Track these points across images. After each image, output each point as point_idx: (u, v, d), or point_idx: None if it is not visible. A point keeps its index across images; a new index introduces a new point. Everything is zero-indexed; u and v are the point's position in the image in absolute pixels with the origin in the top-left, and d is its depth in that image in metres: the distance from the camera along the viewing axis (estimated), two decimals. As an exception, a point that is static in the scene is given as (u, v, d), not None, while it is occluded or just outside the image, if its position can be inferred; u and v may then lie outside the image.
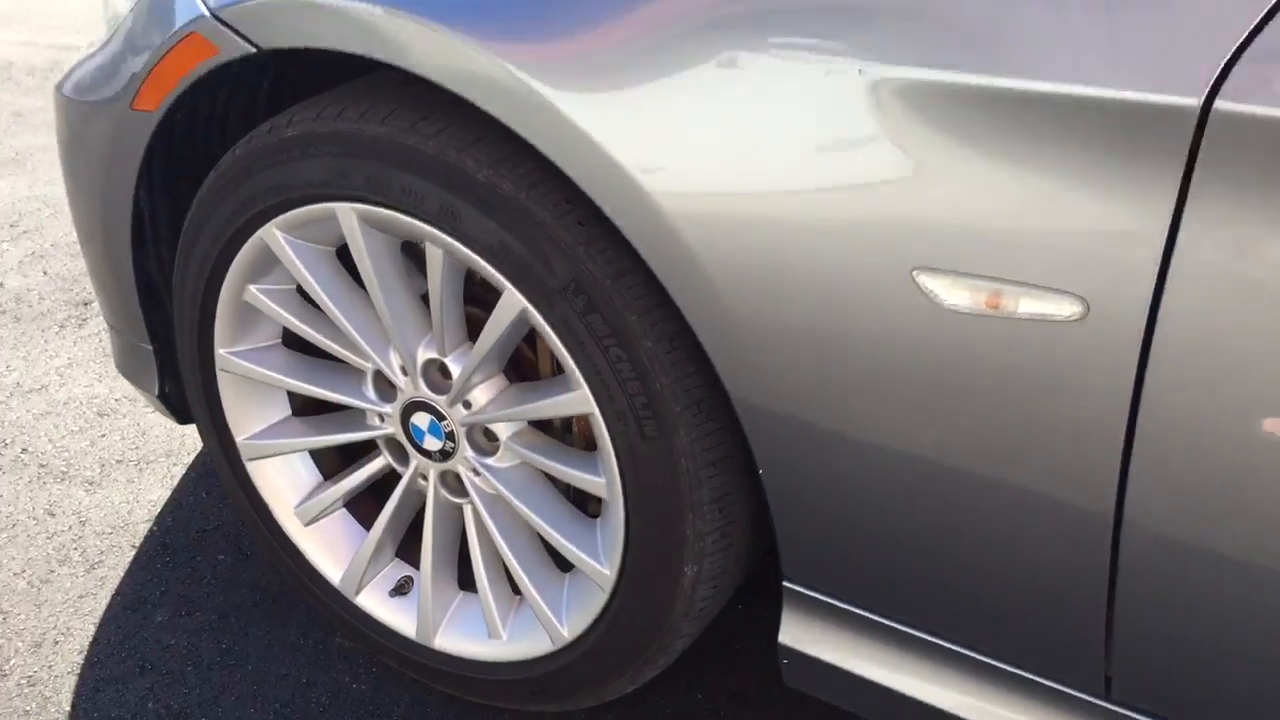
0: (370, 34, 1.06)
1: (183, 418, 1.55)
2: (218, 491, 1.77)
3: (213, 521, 1.73)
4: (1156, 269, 0.81)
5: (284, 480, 1.46)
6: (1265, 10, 0.77)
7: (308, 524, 1.46)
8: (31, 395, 1.99)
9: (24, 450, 1.86)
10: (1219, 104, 0.76)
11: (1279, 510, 0.83)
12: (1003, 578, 0.99)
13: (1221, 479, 0.84)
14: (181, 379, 1.47)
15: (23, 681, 1.45)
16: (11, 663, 1.48)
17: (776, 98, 0.91)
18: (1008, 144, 0.84)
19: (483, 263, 1.12)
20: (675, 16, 0.94)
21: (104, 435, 1.89)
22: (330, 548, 1.47)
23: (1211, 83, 0.76)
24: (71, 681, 1.45)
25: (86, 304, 2.25)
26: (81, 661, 1.48)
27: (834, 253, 0.92)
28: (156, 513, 1.74)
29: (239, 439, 1.43)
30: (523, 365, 1.30)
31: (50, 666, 1.47)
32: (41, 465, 1.83)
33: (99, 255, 1.44)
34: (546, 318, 1.11)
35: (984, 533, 0.98)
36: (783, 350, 0.98)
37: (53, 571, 1.63)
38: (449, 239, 1.12)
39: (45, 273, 2.36)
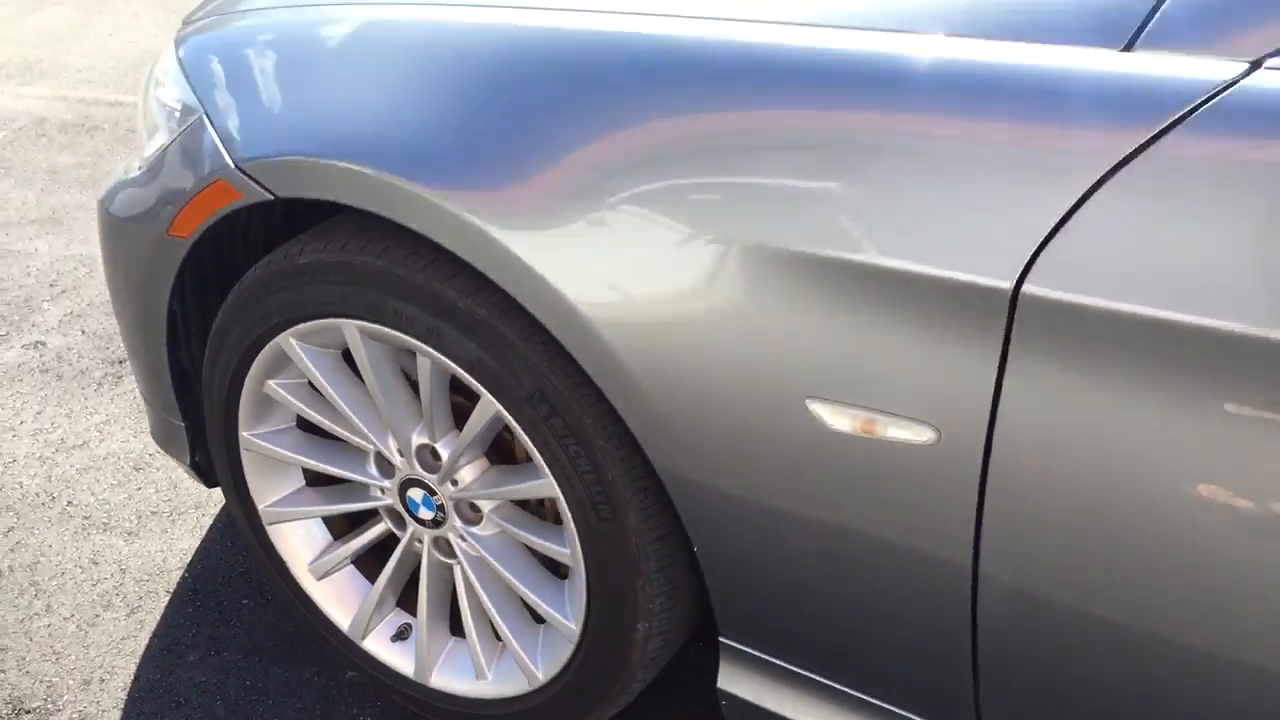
0: (365, 190, 1.26)
1: (210, 483, 1.76)
2: (241, 541, 1.98)
3: (237, 569, 1.93)
4: (989, 406, 1.01)
5: (299, 541, 1.67)
6: (1068, 206, 0.96)
7: (320, 578, 1.67)
8: (75, 451, 2.20)
9: (69, 503, 2.07)
10: (1026, 287, 0.96)
11: (1083, 582, 1.03)
12: (889, 641, 1.20)
13: (1045, 560, 1.05)
14: (210, 450, 1.68)
15: (74, 716, 1.66)
16: (64, 699, 1.69)
17: (680, 243, 1.10)
18: (875, 303, 1.03)
19: (463, 373, 1.32)
20: (597, 169, 1.13)
21: (140, 489, 2.10)
22: (340, 599, 1.68)
23: (1021, 269, 0.96)
24: (116, 716, 1.66)
25: (121, 362, 2.46)
26: (125, 698, 1.69)
27: (741, 372, 1.12)
28: (188, 560, 1.95)
29: (260, 506, 1.64)
30: (502, 447, 1.50)
31: (98, 702, 1.68)
32: (86, 517, 2.04)
33: (139, 348, 1.65)
34: (516, 420, 1.31)
35: (874, 605, 1.18)
36: (704, 447, 1.18)
37: (98, 615, 1.84)
38: (435, 353, 1.33)
39: (83, 331, 2.57)
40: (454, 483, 1.46)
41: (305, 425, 1.61)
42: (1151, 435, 0.95)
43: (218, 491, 2.08)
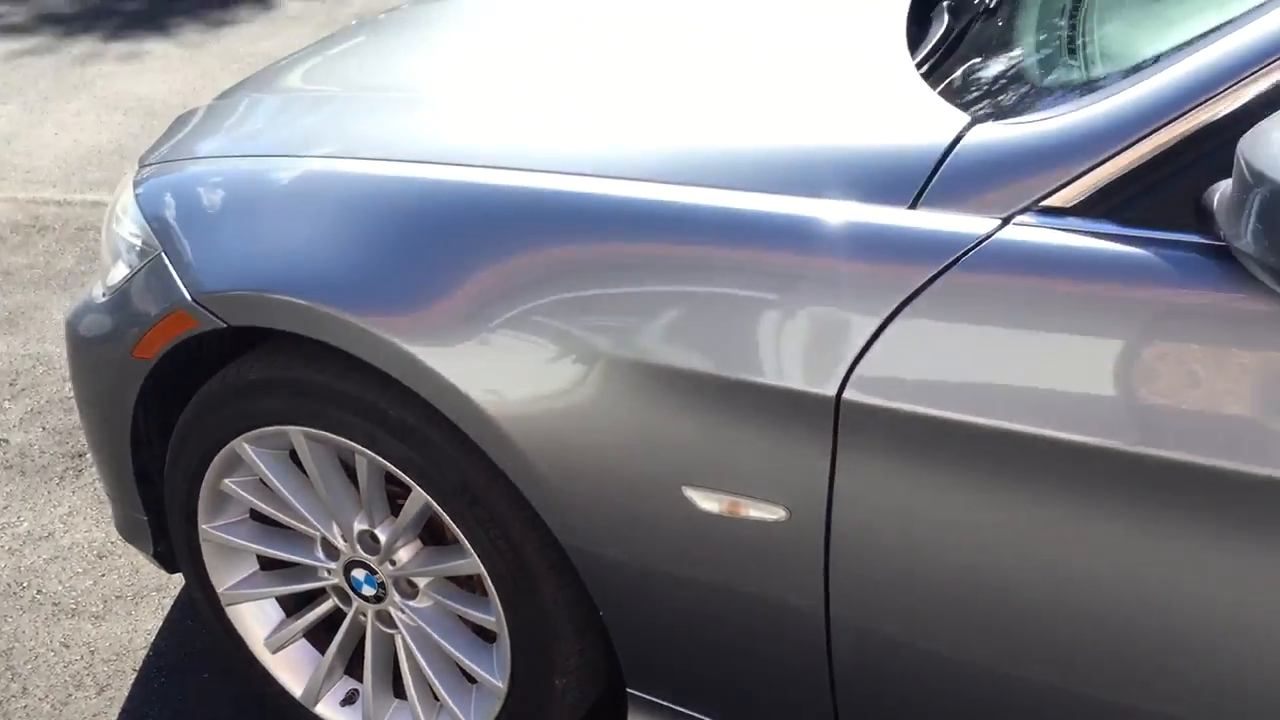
0: (306, 319, 1.45)
1: (172, 569, 1.92)
2: (200, 620, 2.14)
3: (198, 645, 2.09)
4: (827, 489, 1.22)
5: (255, 619, 1.84)
6: (874, 330, 1.17)
7: (275, 652, 1.84)
8: (41, 542, 2.35)
9: (39, 591, 2.22)
10: (846, 394, 1.18)
11: (914, 622, 1.25)
12: (765, 682, 1.40)
13: (881, 606, 1.26)
14: (171, 540, 1.84)
15: (54, 788, 1.81)
16: (44, 773, 1.83)
17: (564, 354, 1.29)
18: (730, 407, 1.24)
19: (397, 471, 1.51)
20: (493, 295, 1.31)
21: (104, 575, 2.26)
22: (293, 669, 1.85)
23: (841, 379, 1.18)
24: (93, 786, 1.81)
25: (81, 455, 2.61)
26: (100, 769, 1.84)
27: (626, 464, 1.31)
28: (152, 640, 2.10)
29: (219, 589, 1.81)
30: (434, 530, 1.69)
31: (75, 774, 1.83)
32: (55, 604, 2.19)
33: (104, 452, 1.82)
34: (443, 508, 1.50)
35: (751, 653, 1.39)
36: (601, 526, 1.37)
37: (70, 695, 1.99)
38: (371, 454, 1.52)
39: (44, 428, 2.72)
40: (392, 563, 1.64)
41: (257, 515, 1.79)
42: (953, 507, 1.17)
43: (177, 576, 2.24)
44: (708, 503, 1.29)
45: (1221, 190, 1.00)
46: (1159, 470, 1.06)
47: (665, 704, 1.51)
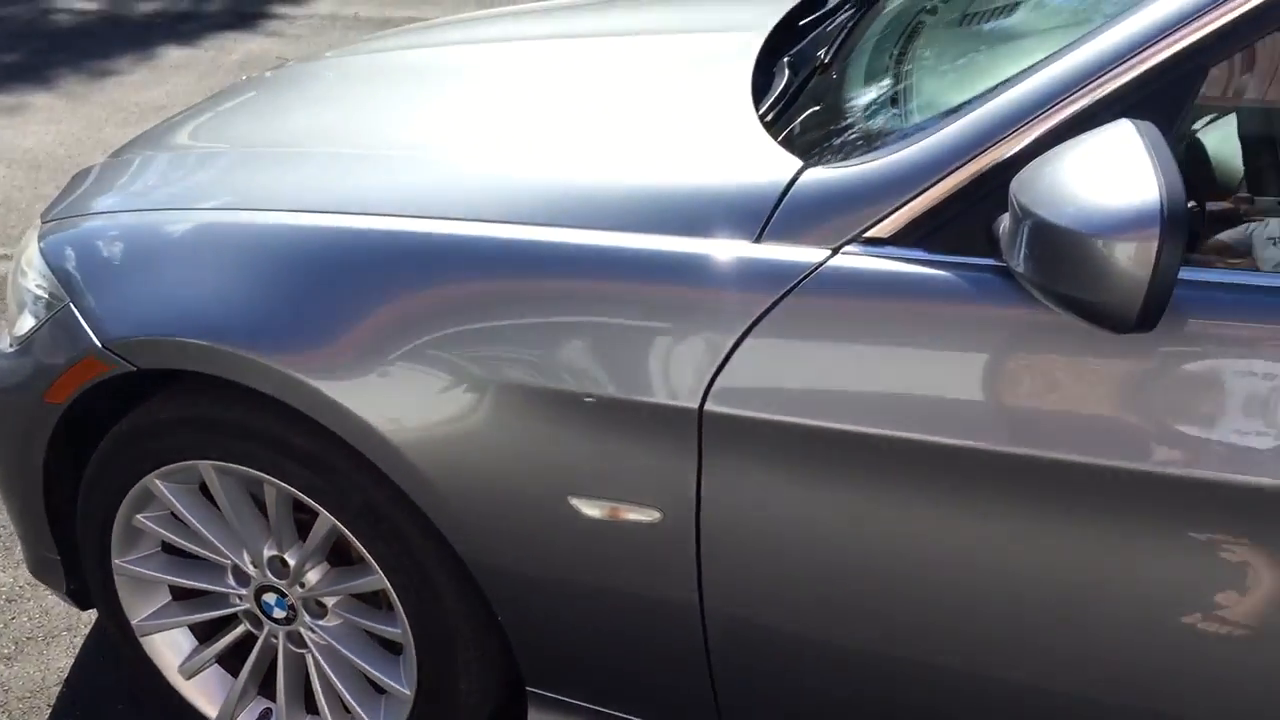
0: (213, 360, 1.55)
1: (85, 606, 1.99)
2: (112, 655, 2.19)
3: (110, 679, 2.14)
4: (695, 491, 1.37)
5: (169, 648, 1.91)
6: (728, 349, 1.33)
7: (189, 678, 1.91)
8: (-52, 589, 2.37)
9: (-52, 637, 2.25)
10: (708, 406, 1.33)
11: (780, 607, 1.40)
12: (651, 671, 1.54)
13: (749, 595, 1.41)
14: (84, 577, 1.91)
15: (-25, 822, 1.85)
16: (-37, 809, 1.87)
17: (455, 382, 1.41)
18: (607, 422, 1.38)
19: (304, 497, 1.62)
20: (387, 330, 1.43)
21: (14, 618, 2.29)
22: (207, 694, 1.92)
23: (702, 393, 1.33)
24: (14, 818, 1.85)
25: (-18, 504, 2.63)
26: (20, 802, 1.88)
27: (516, 478, 1.44)
28: (65, 677, 2.15)
29: (133, 622, 1.88)
30: (340, 551, 1.79)
31: (-5, 808, 1.87)
32: (-35, 648, 2.22)
33: (16, 495, 1.88)
34: (350, 530, 1.61)
35: (638, 645, 1.52)
36: (496, 537, 1.49)
37: (-14, 734, 2.03)
38: (279, 482, 1.62)
39: (-58, 479, 2.73)
40: (302, 585, 1.74)
41: (169, 548, 1.87)
42: (805, 501, 1.33)
43: (87, 615, 2.29)
44: (591, 509, 1.43)
45: (1003, 221, 1.17)
46: (973, 459, 1.23)
47: (562, 699, 1.64)
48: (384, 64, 2.17)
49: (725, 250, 1.33)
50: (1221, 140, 1.54)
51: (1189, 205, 1.34)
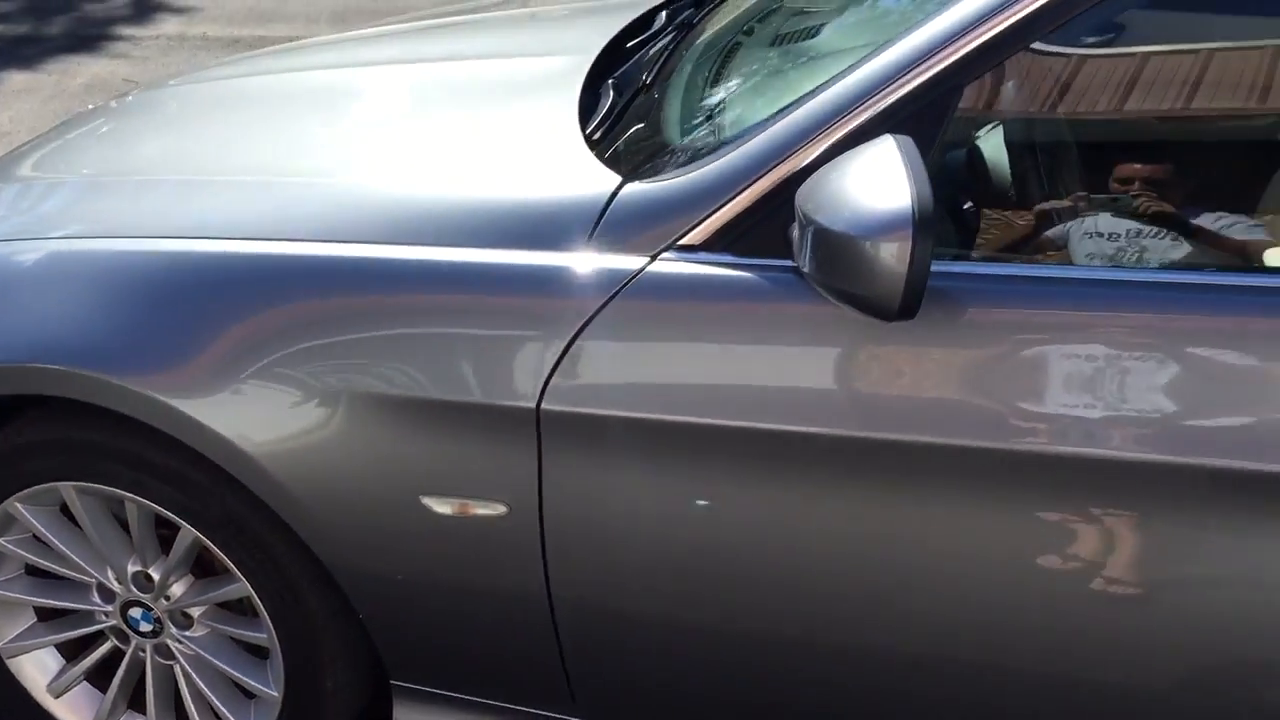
0: (74, 385, 1.58)
1: (-52, 633, 1.99)
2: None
3: (-24, 706, 2.15)
4: (537, 484, 1.47)
5: (36, 668, 1.93)
6: (561, 350, 1.43)
7: (58, 697, 1.94)
8: None
9: None
10: (544, 405, 1.43)
11: (620, 593, 1.51)
12: (507, 657, 1.64)
13: (593, 580, 1.52)
14: (-55, 606, 1.92)
15: None
16: None
17: (308, 393, 1.48)
18: (454, 424, 1.47)
19: (167, 512, 1.67)
20: (240, 348, 1.50)
21: None
22: (77, 711, 1.95)
23: (539, 392, 1.43)
24: None
25: None
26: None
27: (370, 481, 1.52)
28: (-73, 708, 2.14)
29: (-1, 645, 1.91)
30: (204, 563, 1.84)
31: None
32: None
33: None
34: (212, 541, 1.67)
35: (493, 633, 1.62)
36: (354, 539, 1.57)
37: None
38: (141, 499, 1.67)
39: None
40: (167, 598, 1.79)
41: (33, 569, 1.89)
42: (639, 487, 1.45)
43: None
44: (442, 507, 1.52)
45: (794, 227, 1.31)
46: (779, 440, 1.36)
47: (426, 689, 1.73)
48: (228, 91, 2.23)
49: (555, 261, 1.44)
50: (997, 149, 1.72)
51: (966, 206, 1.51)
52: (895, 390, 1.33)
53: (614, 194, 1.46)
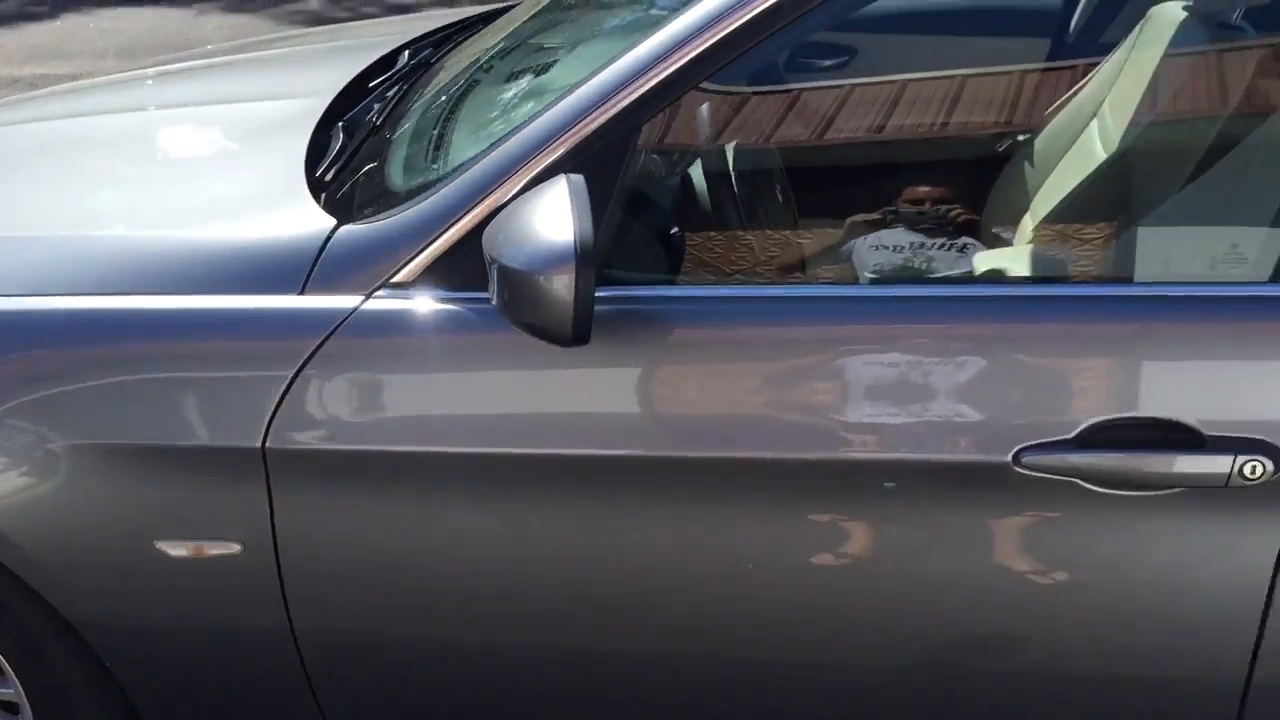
0: None
1: None
2: None
3: None
4: (270, 521, 1.50)
5: None
6: (282, 390, 1.46)
7: None
8: None
9: None
10: (269, 444, 1.46)
11: (369, 615, 1.55)
12: (258, 699, 1.65)
13: (333, 606, 1.55)
14: None
15: None
16: None
17: (35, 452, 1.48)
18: (185, 468, 1.49)
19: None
20: None
21: None
22: None
23: (264, 431, 1.46)
24: None
25: None
26: None
27: (106, 532, 1.52)
28: None
29: None
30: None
31: None
32: None
33: None
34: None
35: (242, 676, 1.63)
36: (97, 592, 1.56)
37: None
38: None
39: None
40: (-89, 665, 1.74)
41: None
42: (369, 517, 1.49)
43: None
44: (177, 550, 1.53)
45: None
46: (488, 462, 1.43)
47: (180, 737, 1.73)
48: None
49: (272, 304, 1.47)
50: (703, 178, 1.83)
51: (673, 232, 1.61)
52: (577, 409, 1.43)
53: (329, 238, 1.50)
